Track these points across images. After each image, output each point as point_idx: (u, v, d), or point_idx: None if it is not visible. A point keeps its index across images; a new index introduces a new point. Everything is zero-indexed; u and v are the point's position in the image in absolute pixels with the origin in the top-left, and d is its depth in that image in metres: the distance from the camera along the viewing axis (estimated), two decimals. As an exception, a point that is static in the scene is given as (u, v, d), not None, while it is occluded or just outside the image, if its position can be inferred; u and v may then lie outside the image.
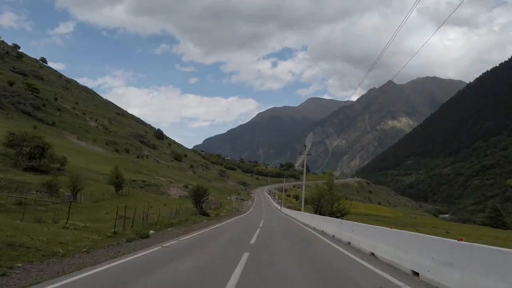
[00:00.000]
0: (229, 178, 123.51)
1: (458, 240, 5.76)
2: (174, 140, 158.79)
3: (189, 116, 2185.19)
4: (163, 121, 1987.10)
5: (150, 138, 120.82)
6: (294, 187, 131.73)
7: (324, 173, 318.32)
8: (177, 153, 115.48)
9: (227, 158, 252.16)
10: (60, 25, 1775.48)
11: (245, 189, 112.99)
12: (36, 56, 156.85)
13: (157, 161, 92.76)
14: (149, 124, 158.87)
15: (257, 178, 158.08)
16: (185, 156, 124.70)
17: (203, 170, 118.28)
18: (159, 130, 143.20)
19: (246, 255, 8.81)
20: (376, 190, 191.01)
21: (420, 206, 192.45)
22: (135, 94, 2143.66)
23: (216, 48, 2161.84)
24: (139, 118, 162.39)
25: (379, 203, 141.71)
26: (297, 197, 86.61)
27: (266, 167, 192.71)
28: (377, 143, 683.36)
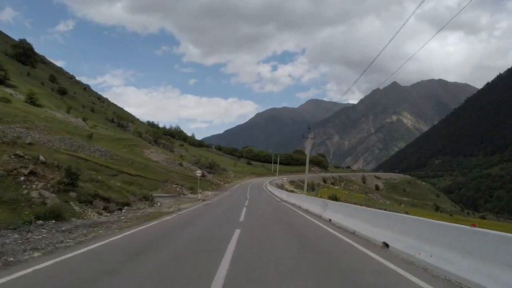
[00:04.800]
0: (174, 152, 51.79)
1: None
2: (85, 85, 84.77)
3: (187, 117, 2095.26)
4: (161, 121, 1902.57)
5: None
6: (325, 182, 60.93)
7: (349, 167, 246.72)
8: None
9: (213, 146, 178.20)
10: (60, 23, 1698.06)
11: (201, 177, 41.01)
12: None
13: None
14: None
15: (250, 163, 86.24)
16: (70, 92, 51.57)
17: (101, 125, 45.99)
18: (22, 42, 65.77)
19: None
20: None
21: (498, 218, 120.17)
22: (134, 94, 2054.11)
23: (216, 49, 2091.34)
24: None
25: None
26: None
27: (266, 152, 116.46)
28: (382, 145, 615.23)
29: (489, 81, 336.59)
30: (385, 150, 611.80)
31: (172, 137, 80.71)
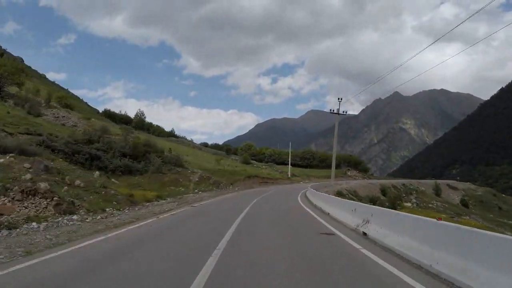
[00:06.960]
0: (45, 116, 25.63)
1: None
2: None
3: (187, 129, 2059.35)
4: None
5: None
6: (384, 194, 34.29)
7: (372, 174, 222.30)
8: None
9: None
10: (61, 36, 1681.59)
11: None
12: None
13: None
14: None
15: (248, 162, 59.00)
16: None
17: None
18: None
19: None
20: None
21: None
22: (135, 106, 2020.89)
23: (216, 61, 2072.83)
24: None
25: None
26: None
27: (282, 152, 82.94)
28: (385, 156, 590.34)
29: (503, 87, 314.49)
30: (388, 161, 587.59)
31: (125, 124, 54.01)
